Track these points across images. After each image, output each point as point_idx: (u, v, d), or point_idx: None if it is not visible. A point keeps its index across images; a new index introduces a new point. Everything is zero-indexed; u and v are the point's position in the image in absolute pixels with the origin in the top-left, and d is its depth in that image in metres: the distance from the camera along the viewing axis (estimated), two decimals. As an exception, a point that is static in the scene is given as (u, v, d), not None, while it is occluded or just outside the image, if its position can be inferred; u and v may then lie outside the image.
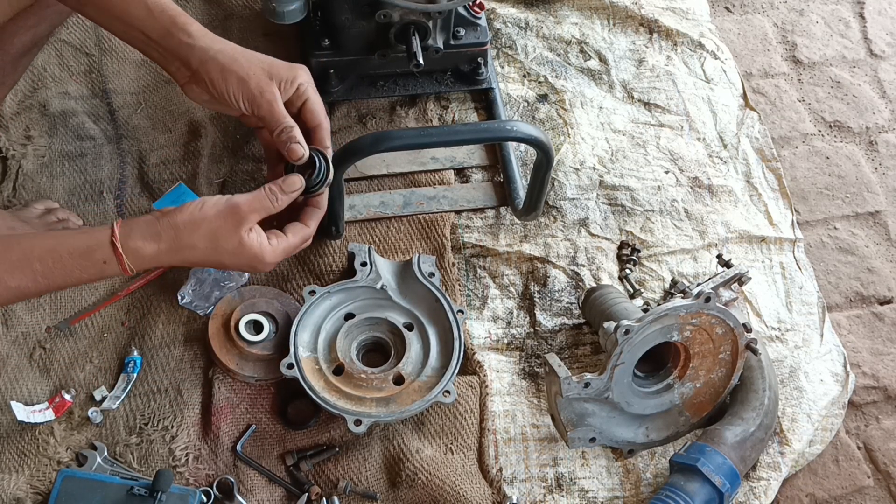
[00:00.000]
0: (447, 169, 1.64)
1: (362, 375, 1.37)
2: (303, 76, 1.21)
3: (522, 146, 1.66)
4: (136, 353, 1.40)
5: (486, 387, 1.44)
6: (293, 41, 1.72)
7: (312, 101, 1.22)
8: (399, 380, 1.38)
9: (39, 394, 1.38)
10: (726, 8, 2.03)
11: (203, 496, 1.30)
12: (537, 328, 1.52)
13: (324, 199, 1.26)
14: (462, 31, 1.62)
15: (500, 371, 1.48)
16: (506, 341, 1.51)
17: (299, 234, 1.20)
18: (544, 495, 1.39)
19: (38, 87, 1.63)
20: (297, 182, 1.19)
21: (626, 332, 1.28)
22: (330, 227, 1.50)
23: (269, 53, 1.69)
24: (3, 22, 1.25)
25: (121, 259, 1.07)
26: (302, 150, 1.20)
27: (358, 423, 1.32)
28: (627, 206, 1.65)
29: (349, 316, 1.43)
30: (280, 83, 1.18)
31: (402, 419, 1.37)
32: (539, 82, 1.78)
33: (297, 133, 1.20)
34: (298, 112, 1.23)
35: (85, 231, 1.22)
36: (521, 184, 1.61)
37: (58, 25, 1.57)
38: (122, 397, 1.38)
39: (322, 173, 1.23)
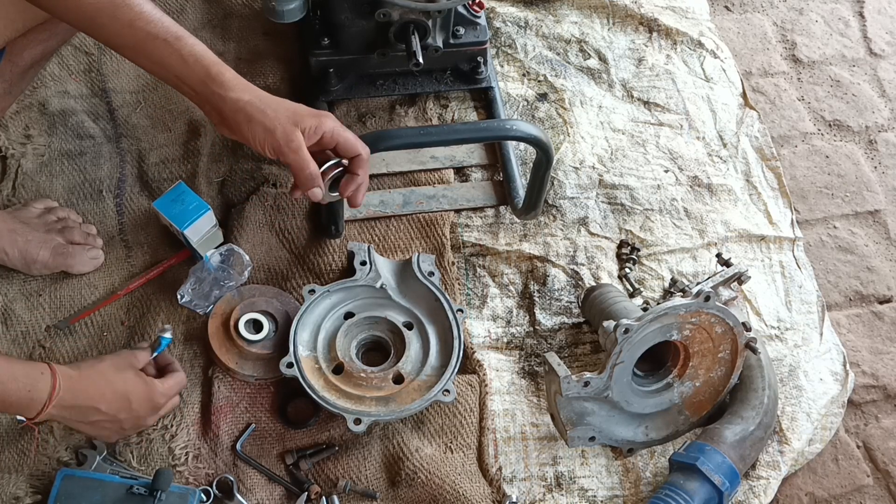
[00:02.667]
0: (447, 168, 1.64)
1: (362, 374, 1.37)
2: (328, 124, 1.23)
3: (522, 145, 1.66)
4: (169, 333, 1.36)
5: (486, 386, 1.44)
6: (293, 40, 1.72)
7: (346, 139, 1.25)
8: (399, 379, 1.38)
9: (39, 393, 1.38)
10: (726, 7, 2.02)
11: (203, 495, 1.30)
12: (537, 327, 1.52)
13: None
14: (461, 30, 1.62)
15: (499, 370, 1.48)
16: (505, 340, 1.51)
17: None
18: (544, 494, 1.39)
19: (38, 86, 1.63)
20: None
21: (626, 331, 1.28)
22: (329, 226, 1.50)
23: (269, 52, 1.71)
24: (15, 36, 1.25)
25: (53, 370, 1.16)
26: (321, 193, 1.25)
27: (357, 421, 1.32)
28: (627, 204, 1.65)
29: (349, 315, 1.43)
30: (305, 130, 1.21)
31: (402, 418, 1.37)
32: (539, 81, 1.77)
33: (319, 180, 1.24)
34: (334, 150, 1.26)
35: None
36: (521, 183, 1.61)
37: (69, 39, 1.57)
38: (122, 396, 1.38)
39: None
